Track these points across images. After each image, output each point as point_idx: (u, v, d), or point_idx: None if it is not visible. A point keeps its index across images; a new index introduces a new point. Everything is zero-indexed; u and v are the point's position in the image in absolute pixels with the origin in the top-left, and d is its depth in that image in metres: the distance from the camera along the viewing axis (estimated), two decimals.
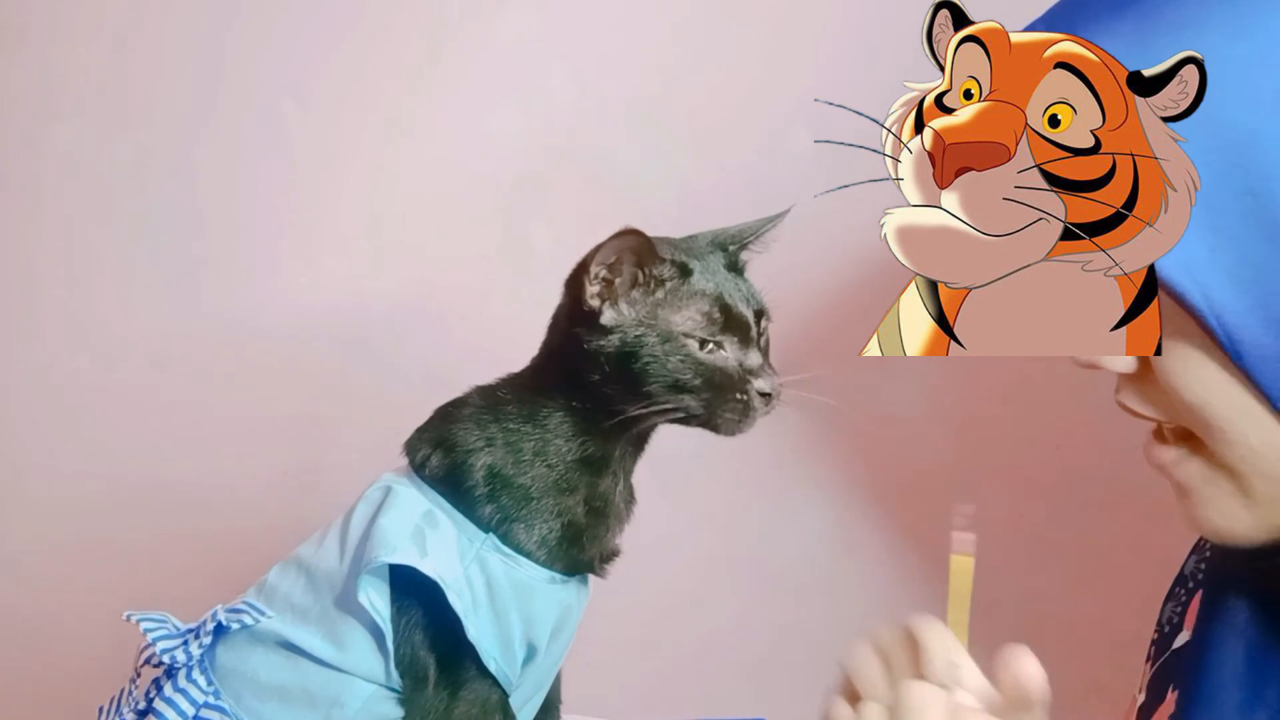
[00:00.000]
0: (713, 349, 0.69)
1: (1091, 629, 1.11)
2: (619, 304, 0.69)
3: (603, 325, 0.69)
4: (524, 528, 0.72)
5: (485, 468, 0.73)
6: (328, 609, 0.73)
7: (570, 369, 0.72)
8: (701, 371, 0.68)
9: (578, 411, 0.72)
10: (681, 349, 0.68)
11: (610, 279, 0.69)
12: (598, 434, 0.73)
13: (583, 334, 0.70)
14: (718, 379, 0.68)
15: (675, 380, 0.68)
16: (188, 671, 0.73)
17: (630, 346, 0.68)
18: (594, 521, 0.75)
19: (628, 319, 0.69)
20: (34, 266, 1.34)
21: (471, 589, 0.70)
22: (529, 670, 0.74)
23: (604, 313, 0.69)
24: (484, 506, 0.73)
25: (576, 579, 0.76)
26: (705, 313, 0.69)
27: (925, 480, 1.16)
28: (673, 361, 0.68)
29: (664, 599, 1.20)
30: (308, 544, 0.78)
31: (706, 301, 0.69)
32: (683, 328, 0.69)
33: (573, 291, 0.71)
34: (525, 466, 0.73)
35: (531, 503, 0.73)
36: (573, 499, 0.74)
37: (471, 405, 0.76)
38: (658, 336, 0.68)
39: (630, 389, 0.69)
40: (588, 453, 0.73)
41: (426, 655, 0.71)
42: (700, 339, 0.68)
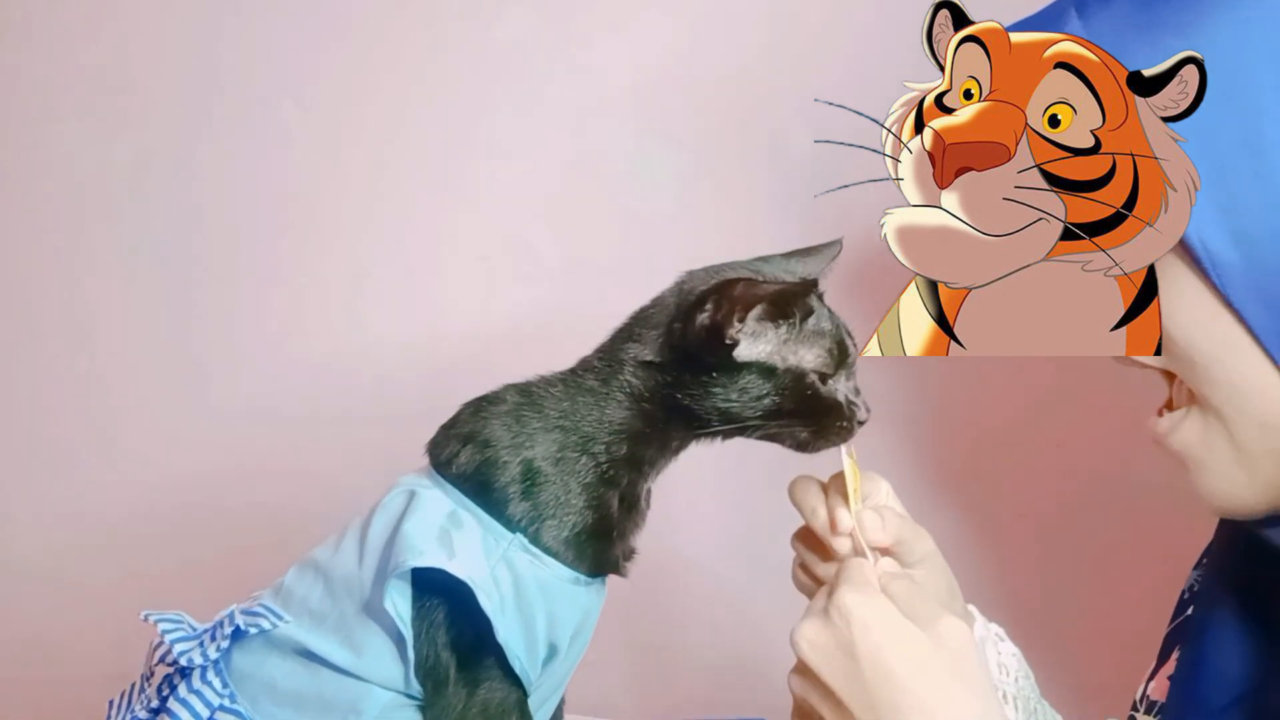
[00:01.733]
0: (828, 382, 0.72)
1: (1095, 628, 1.11)
2: (754, 338, 0.71)
3: (734, 358, 0.70)
4: (555, 525, 0.72)
5: (523, 463, 0.73)
6: (345, 614, 0.73)
7: (657, 379, 0.73)
8: (821, 405, 0.71)
9: (642, 415, 0.73)
10: (810, 385, 0.71)
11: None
12: (656, 438, 0.74)
13: (703, 356, 0.71)
14: (831, 410, 0.71)
15: (795, 410, 0.71)
16: (202, 673, 0.73)
17: (762, 380, 0.70)
18: (624, 516, 0.76)
19: (762, 353, 0.71)
20: (34, 266, 1.34)
21: (499, 588, 0.70)
22: (548, 671, 0.74)
23: (740, 346, 0.70)
24: (515, 505, 0.72)
25: (598, 581, 0.76)
26: (829, 349, 0.71)
27: (925, 480, 1.16)
28: (800, 396, 0.71)
29: (664, 599, 1.20)
30: (324, 547, 0.78)
31: (829, 340, 0.72)
32: (812, 365, 0.71)
33: (694, 314, 0.71)
34: (570, 460, 0.73)
35: (570, 495, 0.73)
36: (612, 491, 0.74)
37: (508, 402, 0.76)
38: (788, 372, 0.71)
39: (738, 415, 0.71)
40: (638, 452, 0.74)
41: (448, 657, 0.71)
42: (821, 375, 0.71)
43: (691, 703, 1.21)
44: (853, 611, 0.59)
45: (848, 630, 0.59)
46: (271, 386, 1.29)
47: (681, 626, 1.22)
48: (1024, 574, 1.13)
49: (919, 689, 0.56)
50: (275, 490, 1.28)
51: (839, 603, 0.60)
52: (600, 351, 0.76)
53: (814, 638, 0.60)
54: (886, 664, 0.57)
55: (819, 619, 0.61)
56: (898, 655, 0.57)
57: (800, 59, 1.14)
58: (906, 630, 0.58)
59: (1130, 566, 1.10)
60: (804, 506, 0.71)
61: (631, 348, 0.74)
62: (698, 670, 1.22)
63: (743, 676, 1.20)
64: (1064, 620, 1.12)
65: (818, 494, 0.71)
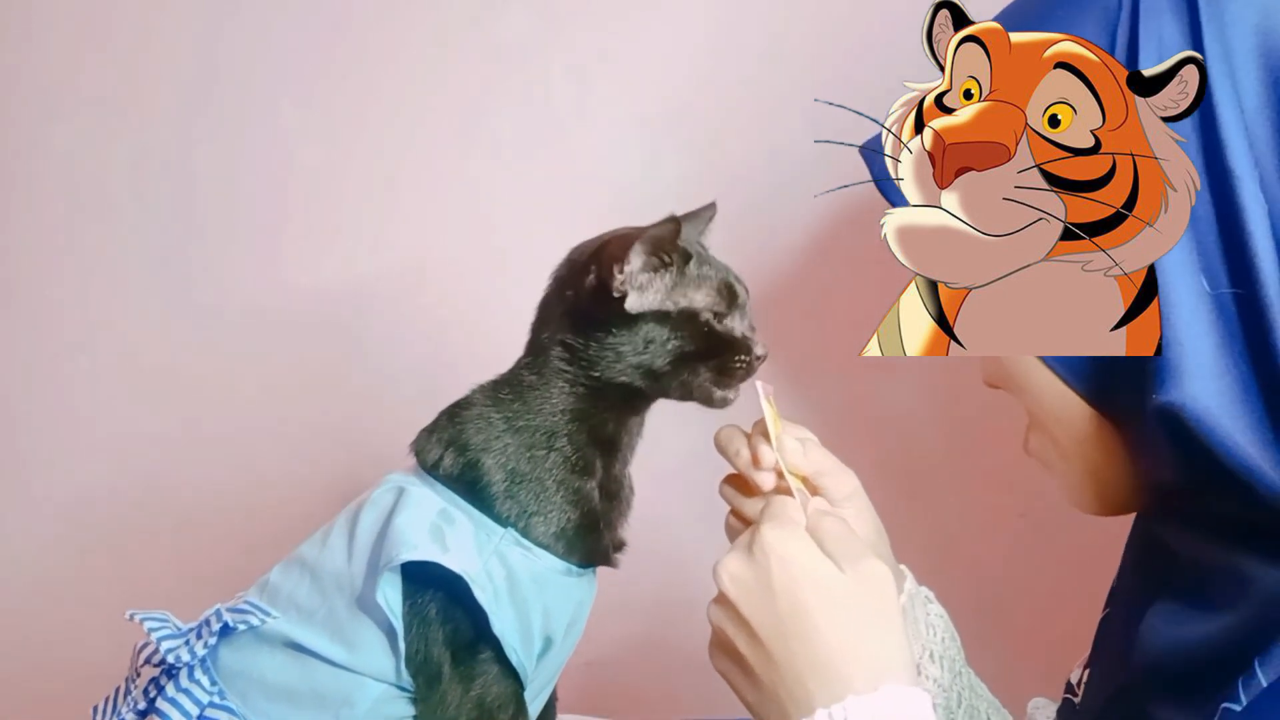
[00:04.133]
0: (723, 320, 0.75)
1: (1094, 628, 1.11)
2: (642, 289, 0.74)
3: (626, 310, 0.73)
4: (542, 520, 0.74)
5: (499, 466, 0.75)
6: (335, 609, 0.73)
7: (574, 354, 0.75)
8: (720, 342, 0.74)
9: (584, 395, 0.75)
10: (705, 323, 0.74)
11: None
12: (606, 413, 0.76)
13: (601, 317, 0.74)
14: (730, 345, 0.74)
15: (696, 350, 0.74)
16: (190, 671, 0.73)
17: (659, 326, 0.74)
18: (608, 506, 0.78)
19: (651, 302, 0.74)
20: (34, 266, 1.34)
21: (492, 582, 0.71)
22: (543, 664, 0.75)
23: (629, 298, 0.73)
24: (502, 503, 0.74)
25: (589, 573, 0.77)
26: (717, 289, 0.75)
27: (925, 480, 1.16)
28: (698, 335, 0.74)
29: (664, 599, 1.20)
30: (309, 544, 0.78)
31: (715, 280, 0.75)
32: (703, 304, 0.74)
33: (582, 280, 0.75)
34: (539, 459, 0.75)
35: (549, 493, 0.75)
36: (589, 482, 0.76)
37: (477, 405, 0.78)
38: (681, 314, 0.74)
39: (650, 366, 0.74)
40: (599, 433, 0.76)
41: (441, 651, 0.72)
42: (715, 313, 0.75)
43: (692, 703, 1.21)
44: (773, 547, 0.60)
45: (767, 565, 0.60)
46: (271, 387, 1.29)
47: (682, 626, 1.22)
48: (1024, 574, 1.13)
49: (832, 626, 0.58)
50: (275, 491, 1.28)
51: (761, 538, 0.61)
52: (526, 346, 0.79)
53: (735, 571, 0.62)
54: (802, 600, 0.58)
55: (742, 553, 0.62)
56: (814, 592, 0.59)
57: (800, 59, 1.14)
58: (825, 568, 0.59)
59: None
60: (728, 450, 0.72)
61: (545, 331, 0.77)
62: (698, 670, 1.22)
63: None
64: (1065, 620, 1.12)
65: (741, 438, 0.72)
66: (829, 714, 0.56)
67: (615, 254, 0.72)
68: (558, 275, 0.79)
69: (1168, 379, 0.54)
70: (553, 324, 0.77)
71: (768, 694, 0.59)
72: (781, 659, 0.58)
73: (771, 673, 0.59)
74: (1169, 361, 0.54)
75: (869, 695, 0.56)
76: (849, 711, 0.55)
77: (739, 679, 0.62)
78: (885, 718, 0.55)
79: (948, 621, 0.77)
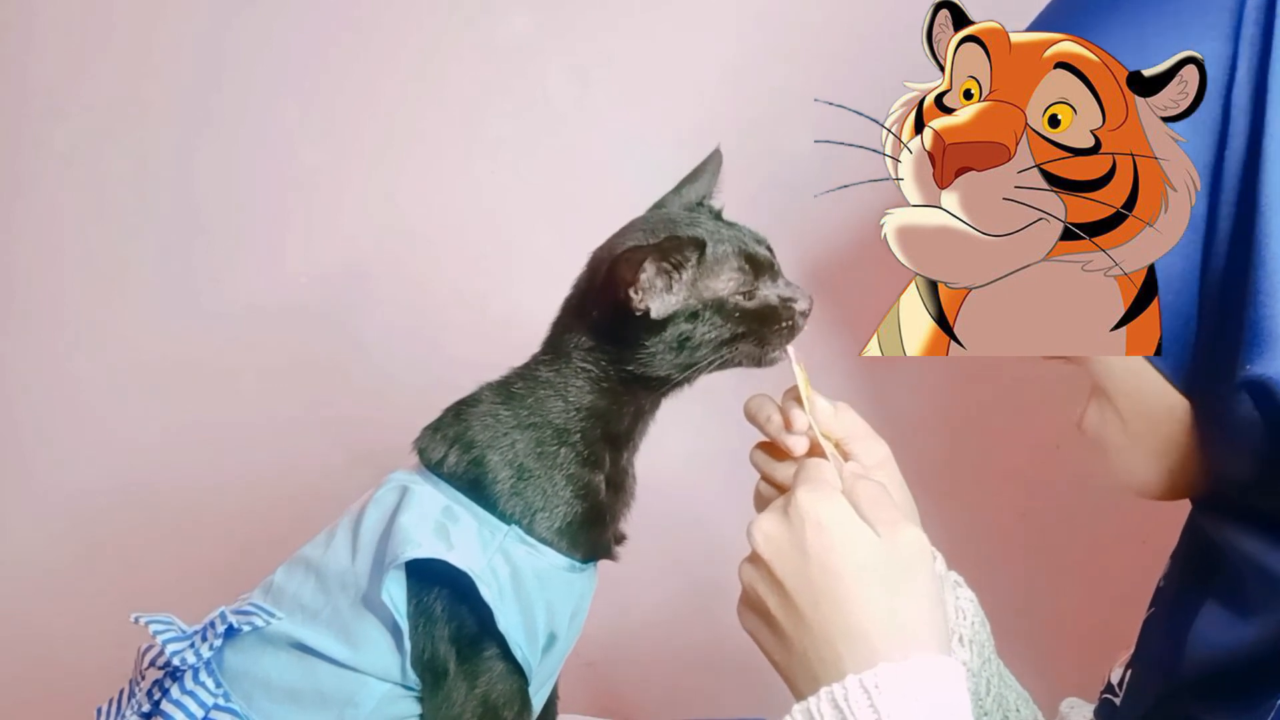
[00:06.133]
0: (754, 295, 0.73)
1: (1094, 628, 1.11)
2: (661, 295, 0.72)
3: (655, 320, 0.72)
4: (547, 516, 0.74)
5: (506, 463, 0.74)
6: (340, 609, 0.73)
7: (605, 355, 0.74)
8: (756, 317, 0.73)
9: (607, 391, 0.75)
10: (734, 309, 0.72)
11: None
12: (627, 408, 0.76)
13: (629, 332, 0.73)
14: (767, 317, 0.73)
15: (734, 334, 0.72)
16: (195, 674, 0.73)
17: (689, 327, 0.72)
18: (613, 499, 0.77)
19: (676, 303, 0.72)
20: (34, 267, 1.34)
21: (497, 579, 0.71)
22: (546, 659, 0.75)
23: (653, 307, 0.72)
24: (506, 500, 0.74)
25: (591, 566, 0.77)
26: (738, 267, 0.73)
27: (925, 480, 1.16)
28: (734, 319, 0.72)
29: (664, 599, 1.20)
30: (313, 544, 0.78)
31: (734, 258, 0.73)
32: (728, 289, 0.72)
33: (602, 299, 0.73)
34: (550, 454, 0.75)
35: (557, 488, 0.74)
36: (598, 475, 0.76)
37: (485, 402, 0.77)
38: (709, 306, 0.72)
39: (690, 362, 0.73)
40: (613, 428, 0.76)
41: (446, 648, 0.72)
42: (744, 293, 0.73)
43: (692, 703, 1.21)
44: (808, 511, 0.59)
45: (802, 526, 0.59)
46: (271, 387, 1.29)
47: (682, 626, 1.22)
48: (1025, 574, 1.13)
49: (865, 592, 0.57)
50: (276, 491, 1.28)
51: (796, 500, 0.60)
52: (545, 344, 0.78)
53: (770, 530, 0.61)
54: (835, 565, 0.58)
55: (778, 514, 0.61)
56: (848, 556, 0.58)
57: (800, 59, 1.14)
58: (860, 532, 0.59)
59: (1131, 566, 1.10)
60: (759, 416, 0.72)
61: (570, 336, 0.76)
62: (698, 670, 1.22)
63: (743, 676, 1.20)
64: (1065, 619, 1.12)
65: (771, 404, 0.72)
66: (860, 681, 0.55)
67: (626, 276, 0.71)
68: (579, 284, 0.78)
69: (1264, 351, 0.53)
70: (579, 330, 0.76)
71: (797, 655, 0.59)
72: (813, 621, 0.58)
73: (802, 634, 0.58)
74: (1262, 333, 0.53)
75: (901, 664, 0.55)
76: (880, 679, 0.54)
77: (768, 638, 0.62)
78: (917, 687, 0.54)
79: (977, 606, 0.75)
